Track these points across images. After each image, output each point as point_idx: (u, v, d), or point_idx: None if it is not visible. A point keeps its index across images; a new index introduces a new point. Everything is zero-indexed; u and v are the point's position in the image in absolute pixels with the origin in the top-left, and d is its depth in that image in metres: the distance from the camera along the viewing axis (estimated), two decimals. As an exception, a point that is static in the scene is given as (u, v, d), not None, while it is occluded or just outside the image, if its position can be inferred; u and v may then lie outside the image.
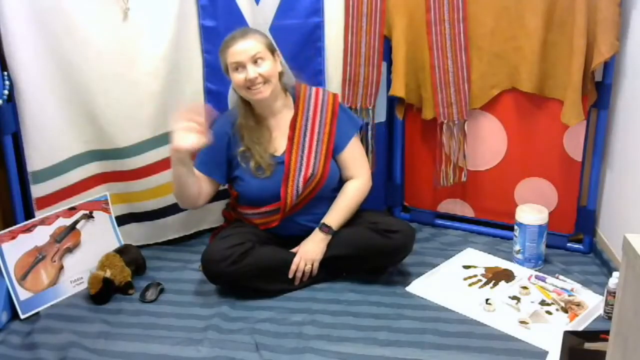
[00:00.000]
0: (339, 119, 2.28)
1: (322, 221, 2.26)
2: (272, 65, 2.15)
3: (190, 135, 2.01)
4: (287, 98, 2.29)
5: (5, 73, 2.14)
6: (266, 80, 2.14)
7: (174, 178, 2.15)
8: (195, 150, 2.07)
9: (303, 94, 2.28)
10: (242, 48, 2.11)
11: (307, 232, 2.28)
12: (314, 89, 2.32)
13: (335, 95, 2.32)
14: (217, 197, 2.59)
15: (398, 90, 2.51)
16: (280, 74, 2.22)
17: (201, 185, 2.23)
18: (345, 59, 2.50)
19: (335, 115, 2.28)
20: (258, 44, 2.13)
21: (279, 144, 2.26)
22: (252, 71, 2.11)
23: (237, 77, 2.14)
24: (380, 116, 2.64)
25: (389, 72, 2.55)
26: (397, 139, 2.70)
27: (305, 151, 2.24)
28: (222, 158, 2.26)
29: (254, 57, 2.11)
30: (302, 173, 2.22)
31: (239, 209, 2.35)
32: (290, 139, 2.24)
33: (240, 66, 2.12)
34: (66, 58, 2.21)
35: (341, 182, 2.32)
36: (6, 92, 2.15)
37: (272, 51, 2.18)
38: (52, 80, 2.22)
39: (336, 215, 2.27)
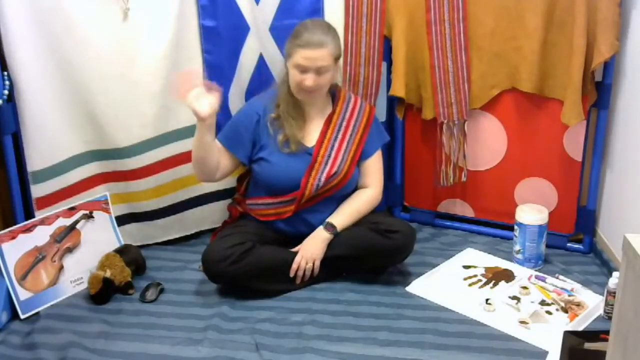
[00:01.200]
0: (371, 129, 2.33)
1: (327, 220, 2.27)
2: (330, 76, 2.20)
3: (205, 99, 2.02)
4: (327, 96, 2.32)
5: (5, 73, 2.14)
6: (319, 89, 2.20)
7: (197, 149, 2.15)
8: (217, 109, 2.07)
9: (343, 96, 2.33)
10: (314, 56, 2.13)
11: (311, 231, 2.28)
12: (353, 95, 2.37)
13: (372, 107, 2.38)
14: (219, 197, 2.60)
15: (398, 90, 2.51)
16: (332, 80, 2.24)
17: (220, 158, 2.23)
18: (345, 59, 2.50)
19: (369, 124, 2.32)
20: (328, 57, 2.15)
21: (311, 135, 2.28)
22: (310, 80, 2.14)
23: (296, 76, 2.16)
24: (380, 116, 2.64)
25: (389, 72, 2.55)
26: (397, 139, 2.70)
27: (335, 149, 2.27)
28: (247, 137, 2.26)
29: (319, 69, 2.15)
30: (327, 168, 2.24)
31: (249, 200, 2.36)
32: (323, 133, 2.28)
33: (304, 70, 2.14)
34: (66, 58, 2.21)
35: (355, 189, 2.35)
36: (6, 92, 2.15)
37: (337, 59, 2.20)
38: (52, 80, 2.22)
39: (343, 216, 2.28)
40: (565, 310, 2.09)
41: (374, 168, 2.35)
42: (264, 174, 2.28)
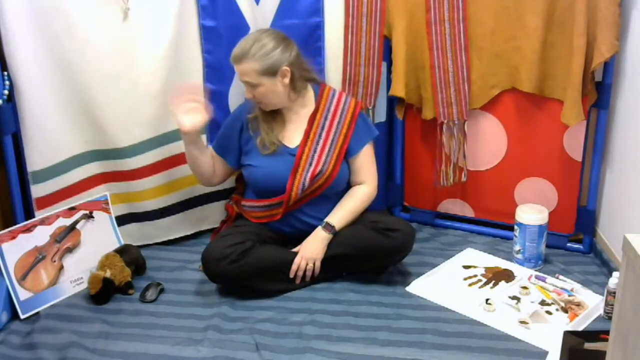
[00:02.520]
0: (357, 124, 2.31)
1: (325, 220, 2.27)
2: (267, 89, 2.17)
3: (193, 115, 2.17)
4: (307, 96, 2.31)
5: (5, 73, 2.14)
6: (260, 101, 2.21)
7: (187, 158, 2.31)
8: (201, 128, 2.21)
9: (326, 93, 2.32)
10: (238, 71, 2.20)
11: (308, 229, 2.29)
12: (337, 91, 2.36)
13: (358, 102, 2.35)
14: (219, 197, 2.60)
15: (398, 90, 2.51)
16: (294, 84, 2.21)
17: (215, 164, 2.35)
18: (345, 59, 2.50)
19: (354, 120, 2.31)
20: (251, 72, 2.15)
21: (293, 136, 2.29)
22: (247, 91, 2.21)
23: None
24: (380, 116, 2.64)
25: (389, 72, 2.55)
26: (397, 139, 2.70)
27: (319, 148, 2.27)
28: (234, 142, 2.33)
29: (247, 83, 2.18)
30: (312, 168, 2.24)
31: (244, 201, 2.38)
32: (307, 133, 2.28)
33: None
34: (66, 58, 2.21)
35: (348, 186, 2.35)
36: (6, 92, 2.15)
37: (272, 73, 2.15)
38: (52, 80, 2.22)
39: (341, 215, 2.28)
40: (565, 310, 2.09)
41: (365, 164, 2.33)
42: (251, 177, 2.30)
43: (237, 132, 2.32)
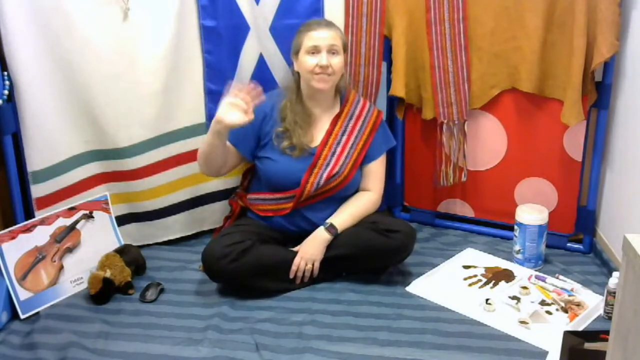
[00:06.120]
0: (377, 133, 2.34)
1: (329, 221, 2.27)
2: (341, 61, 2.23)
3: (235, 111, 2.07)
4: (336, 98, 2.35)
5: (5, 73, 2.14)
6: (332, 73, 2.21)
7: (206, 146, 2.20)
8: (235, 127, 2.11)
9: (352, 98, 2.36)
10: (324, 35, 2.19)
11: (311, 229, 2.29)
12: (362, 99, 2.39)
13: (380, 112, 2.39)
14: (219, 197, 2.60)
15: (398, 90, 2.51)
16: (342, 75, 2.28)
17: (228, 155, 2.28)
18: (346, 58, 2.49)
19: (375, 129, 2.35)
20: (337, 38, 2.22)
21: (316, 136, 2.31)
22: (325, 58, 2.18)
23: (309, 61, 2.20)
24: (380, 116, 2.64)
25: (389, 72, 2.55)
26: (397, 139, 2.68)
27: (338, 150, 2.29)
28: (252, 133, 2.30)
29: (331, 47, 2.19)
30: (329, 168, 2.26)
31: (250, 195, 2.38)
32: (329, 133, 2.30)
33: (316, 51, 2.19)
34: (66, 58, 2.21)
35: (356, 191, 2.37)
36: (6, 92, 2.15)
37: (345, 50, 2.27)
38: (52, 80, 2.22)
39: (344, 218, 2.28)
40: (565, 310, 2.09)
41: (376, 172, 2.36)
42: (267, 171, 2.30)
43: (258, 122, 2.24)
